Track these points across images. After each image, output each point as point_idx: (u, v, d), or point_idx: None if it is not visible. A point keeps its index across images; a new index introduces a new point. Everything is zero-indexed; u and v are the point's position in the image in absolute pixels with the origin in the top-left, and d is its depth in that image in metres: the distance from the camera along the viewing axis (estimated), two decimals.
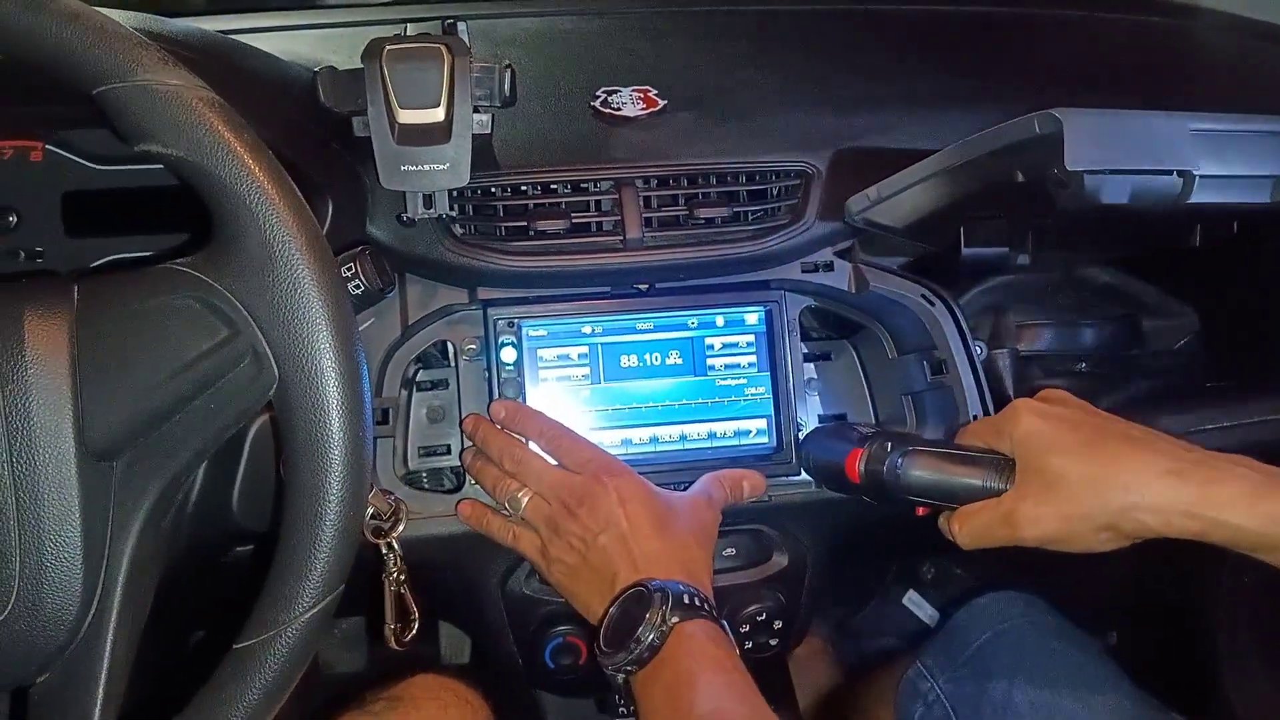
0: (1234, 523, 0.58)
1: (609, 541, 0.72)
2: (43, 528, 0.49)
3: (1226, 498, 0.59)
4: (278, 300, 0.50)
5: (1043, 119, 0.64)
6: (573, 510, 0.73)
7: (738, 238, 0.83)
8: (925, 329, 0.86)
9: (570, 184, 0.82)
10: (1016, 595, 0.88)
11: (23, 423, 0.49)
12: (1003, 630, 0.84)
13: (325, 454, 0.50)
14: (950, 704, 0.83)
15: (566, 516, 0.74)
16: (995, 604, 0.87)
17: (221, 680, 0.51)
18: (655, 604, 0.65)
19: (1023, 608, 0.86)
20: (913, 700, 0.86)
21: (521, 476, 0.77)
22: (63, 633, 0.50)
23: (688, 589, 0.67)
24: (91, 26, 0.49)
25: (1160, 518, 0.60)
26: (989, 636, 0.84)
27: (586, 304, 0.85)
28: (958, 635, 0.86)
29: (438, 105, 0.70)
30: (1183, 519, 0.60)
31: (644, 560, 0.70)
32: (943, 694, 0.84)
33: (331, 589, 0.51)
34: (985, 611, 0.87)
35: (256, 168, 0.49)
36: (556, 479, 0.76)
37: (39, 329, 0.50)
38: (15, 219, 0.80)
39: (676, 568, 0.70)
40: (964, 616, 0.87)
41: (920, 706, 0.85)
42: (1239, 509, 0.58)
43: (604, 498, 0.73)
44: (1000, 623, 0.85)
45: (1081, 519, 0.62)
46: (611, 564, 0.71)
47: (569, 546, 0.73)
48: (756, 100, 0.88)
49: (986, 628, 0.85)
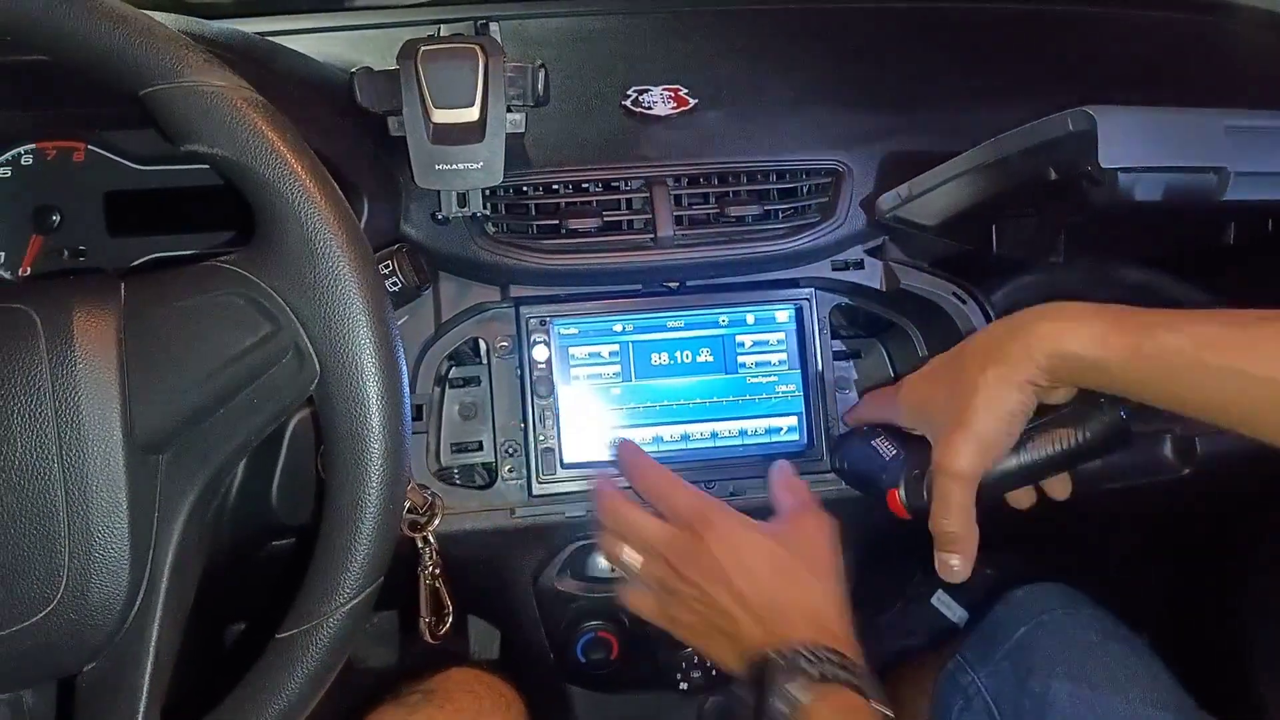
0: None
1: (725, 598, 0.68)
2: (91, 519, 0.50)
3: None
4: (319, 297, 0.51)
5: (1076, 116, 0.64)
6: (679, 569, 0.70)
7: (768, 236, 0.83)
8: (957, 327, 0.86)
9: (601, 182, 0.83)
10: (1055, 587, 0.87)
11: (72, 416, 0.50)
12: (1042, 623, 0.83)
13: (365, 447, 0.50)
14: (990, 697, 0.83)
15: (674, 577, 0.71)
16: (1034, 596, 0.87)
17: (264, 669, 0.51)
18: (779, 679, 0.62)
19: (1062, 599, 0.86)
20: (952, 694, 0.86)
21: (625, 537, 0.75)
22: (110, 622, 0.51)
23: (812, 654, 0.62)
24: (139, 29, 0.50)
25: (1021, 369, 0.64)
26: (1028, 629, 0.83)
27: (617, 302, 0.86)
28: (997, 628, 0.86)
29: (472, 105, 0.70)
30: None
31: (767, 613, 0.67)
32: (983, 687, 0.83)
33: (372, 580, 0.52)
34: (1024, 604, 0.86)
35: (299, 167, 0.50)
36: (656, 535, 0.73)
37: (88, 325, 0.51)
38: (59, 218, 0.81)
39: (800, 619, 0.66)
40: (1003, 609, 0.87)
41: (960, 700, 0.84)
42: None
43: (705, 553, 0.69)
44: (1039, 615, 0.84)
45: (989, 391, 0.65)
46: (734, 621, 0.68)
47: (688, 607, 0.70)
48: (787, 98, 0.88)
49: (1026, 620, 0.84)
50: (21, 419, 0.50)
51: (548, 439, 0.84)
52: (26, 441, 0.50)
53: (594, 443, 0.85)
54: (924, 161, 0.78)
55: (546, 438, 0.84)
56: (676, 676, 0.91)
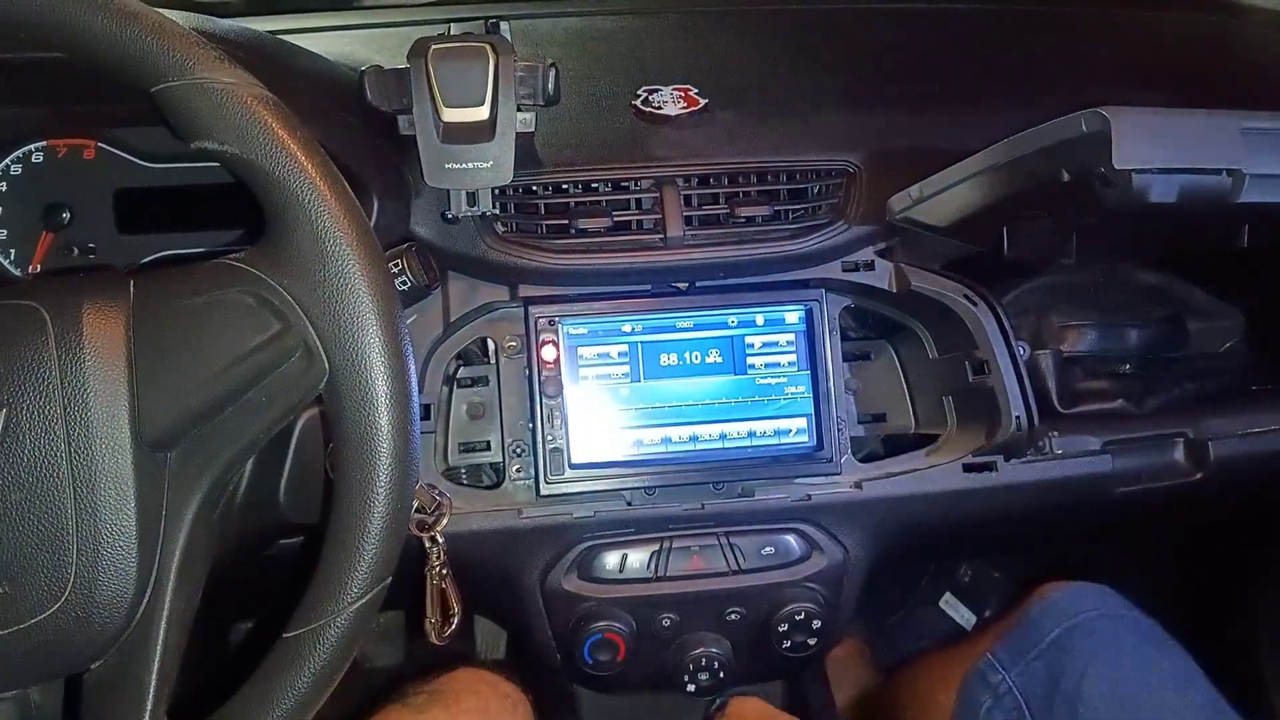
0: None
1: None
2: (99, 516, 0.50)
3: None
4: (329, 295, 0.50)
5: (1090, 117, 0.63)
6: None
7: (778, 236, 0.83)
8: (967, 329, 0.85)
9: (611, 182, 0.82)
10: (1093, 588, 0.87)
11: (81, 413, 0.50)
12: (1076, 624, 0.83)
13: (374, 446, 0.50)
14: (1021, 696, 0.82)
15: None
16: (1069, 596, 0.86)
17: (271, 668, 0.51)
18: None
19: (1096, 600, 0.85)
20: (981, 691, 0.85)
21: None
22: (117, 619, 0.51)
23: None
24: (150, 26, 0.50)
25: None
26: (1063, 630, 0.83)
27: (627, 302, 0.85)
28: (1031, 627, 0.85)
29: (482, 104, 0.70)
30: None
31: None
32: (1014, 686, 0.83)
33: (380, 579, 0.51)
34: (1059, 604, 0.86)
35: (309, 165, 0.50)
36: None
37: (97, 322, 0.51)
38: (69, 215, 0.81)
39: None
40: (1039, 609, 0.86)
41: (989, 698, 0.84)
42: None
43: None
44: (1074, 615, 0.83)
45: None
46: None
47: None
48: (797, 99, 0.88)
49: (1060, 620, 0.84)
50: (30, 416, 0.50)
51: (556, 439, 0.84)
52: (35, 439, 0.50)
53: (602, 443, 0.85)
54: (935, 163, 0.78)
55: (555, 438, 0.84)
56: (684, 678, 0.91)
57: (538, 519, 0.84)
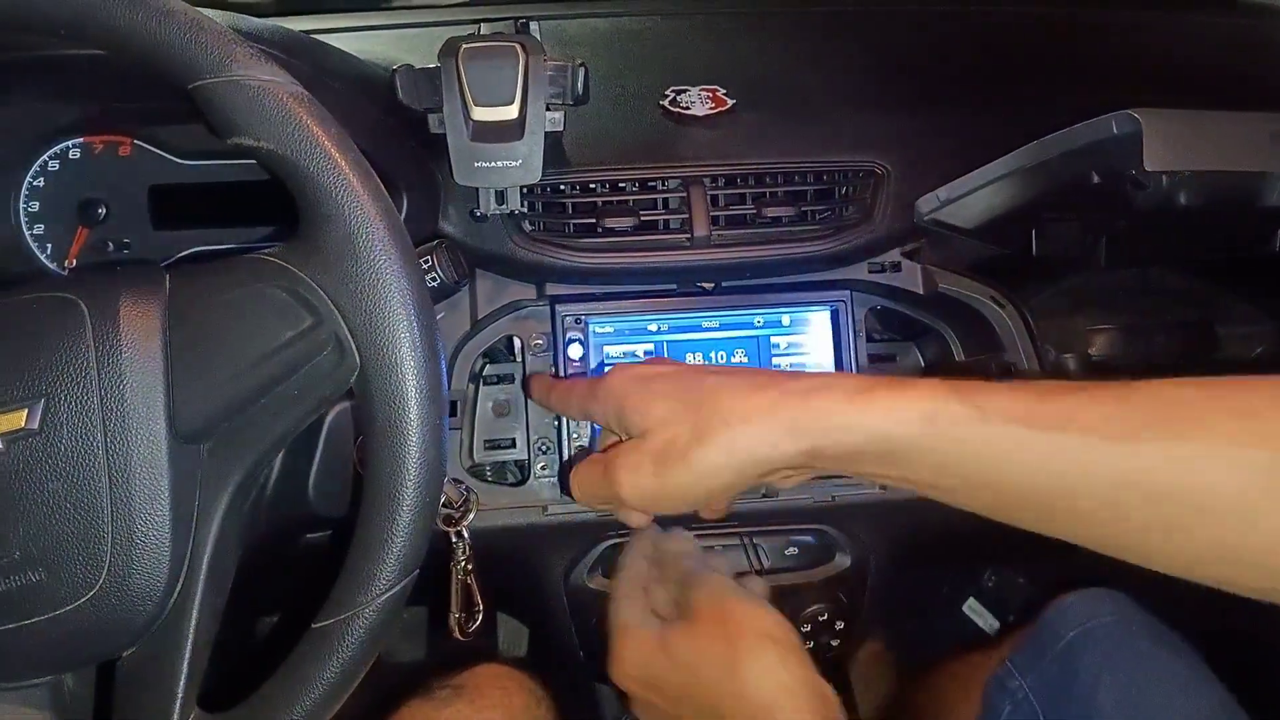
0: (838, 426, 0.54)
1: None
2: (133, 506, 0.51)
3: (825, 404, 0.55)
4: (360, 290, 0.51)
5: (1121, 119, 0.63)
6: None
7: (805, 237, 0.83)
8: (994, 331, 0.85)
9: (639, 182, 0.83)
10: (1106, 593, 0.86)
11: (117, 404, 0.51)
12: (1091, 629, 0.82)
13: (404, 439, 0.51)
14: (1037, 702, 0.82)
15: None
16: (1084, 602, 0.86)
17: (300, 659, 0.52)
18: None
19: (1112, 606, 0.84)
20: (1001, 698, 0.85)
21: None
22: (150, 608, 0.52)
23: None
24: (188, 23, 0.50)
25: (766, 439, 0.55)
26: (1077, 634, 0.82)
27: (653, 301, 0.86)
28: (1046, 632, 0.85)
29: (512, 103, 0.71)
30: (788, 437, 0.55)
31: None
32: (1030, 692, 0.83)
33: (408, 571, 0.52)
34: (1074, 609, 0.85)
35: (343, 162, 0.51)
36: None
37: (133, 314, 0.52)
38: (104, 211, 0.83)
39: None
40: (1053, 614, 0.86)
41: (1008, 704, 0.84)
42: (838, 412, 0.54)
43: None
44: (1089, 620, 0.83)
45: (680, 458, 0.57)
46: None
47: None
48: (825, 100, 0.88)
49: (1075, 625, 0.83)
50: (68, 407, 0.51)
51: (581, 437, 0.84)
52: (72, 429, 0.50)
53: None
54: (963, 164, 0.78)
55: (580, 436, 0.84)
56: None
57: (562, 516, 0.84)
